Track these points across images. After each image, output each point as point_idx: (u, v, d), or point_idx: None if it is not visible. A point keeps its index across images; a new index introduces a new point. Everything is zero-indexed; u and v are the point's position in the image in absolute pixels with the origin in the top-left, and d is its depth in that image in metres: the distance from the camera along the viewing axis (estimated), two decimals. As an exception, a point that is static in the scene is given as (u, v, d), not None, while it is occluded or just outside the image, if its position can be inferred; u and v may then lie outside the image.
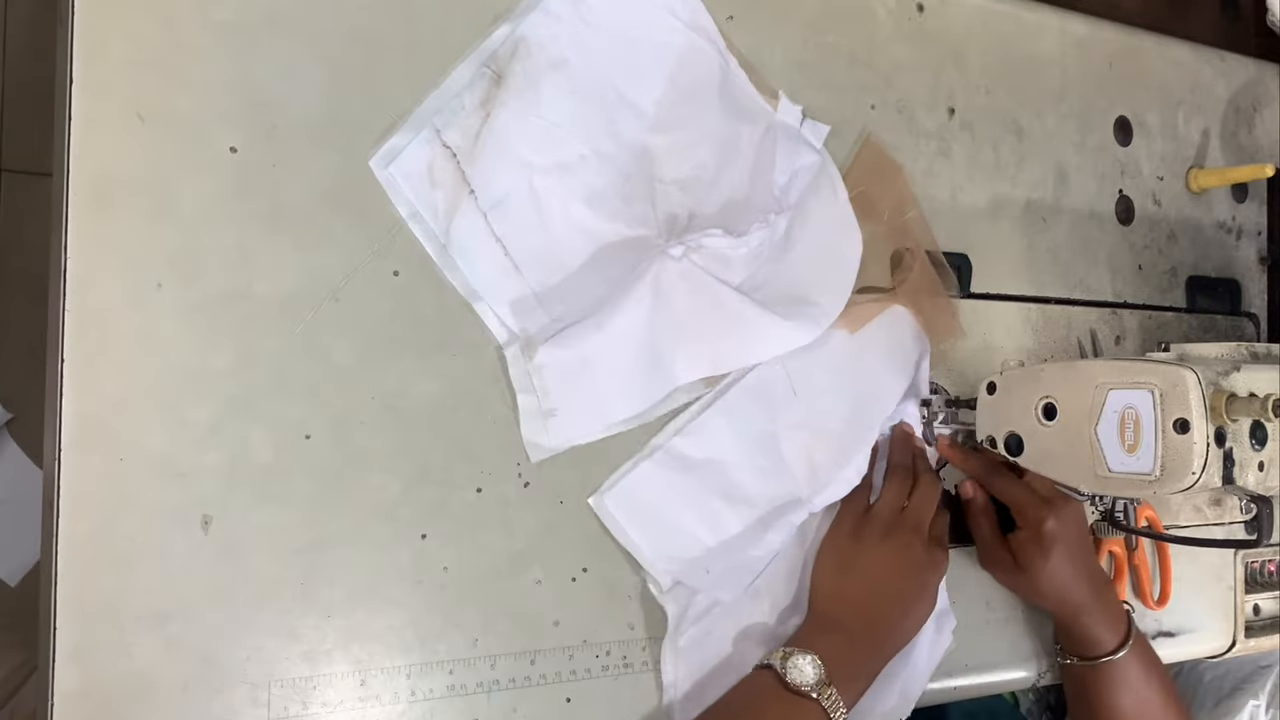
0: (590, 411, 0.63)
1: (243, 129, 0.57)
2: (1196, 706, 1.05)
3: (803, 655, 0.60)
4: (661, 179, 0.67)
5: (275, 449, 0.57)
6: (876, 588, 0.66)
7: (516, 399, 0.62)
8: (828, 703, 0.59)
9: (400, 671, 0.59)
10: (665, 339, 0.64)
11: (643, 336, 0.63)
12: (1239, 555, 0.89)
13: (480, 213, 0.61)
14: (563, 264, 0.63)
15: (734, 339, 0.66)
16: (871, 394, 0.72)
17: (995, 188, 0.81)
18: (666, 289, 0.63)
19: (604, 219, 0.64)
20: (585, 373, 0.62)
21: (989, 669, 0.78)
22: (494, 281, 0.62)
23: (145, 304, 0.54)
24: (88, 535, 0.53)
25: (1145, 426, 0.62)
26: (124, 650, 0.53)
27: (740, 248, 0.65)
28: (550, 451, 0.63)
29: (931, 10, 0.79)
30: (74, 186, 0.53)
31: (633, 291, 0.63)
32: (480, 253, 0.61)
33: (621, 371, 0.63)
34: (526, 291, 0.63)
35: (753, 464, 0.68)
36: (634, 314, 0.63)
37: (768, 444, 0.68)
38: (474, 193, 0.61)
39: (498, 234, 0.62)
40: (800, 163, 0.70)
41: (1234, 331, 0.94)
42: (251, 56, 0.57)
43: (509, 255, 0.62)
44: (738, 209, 0.68)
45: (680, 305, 0.64)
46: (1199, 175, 0.91)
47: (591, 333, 0.62)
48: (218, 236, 0.56)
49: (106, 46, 0.54)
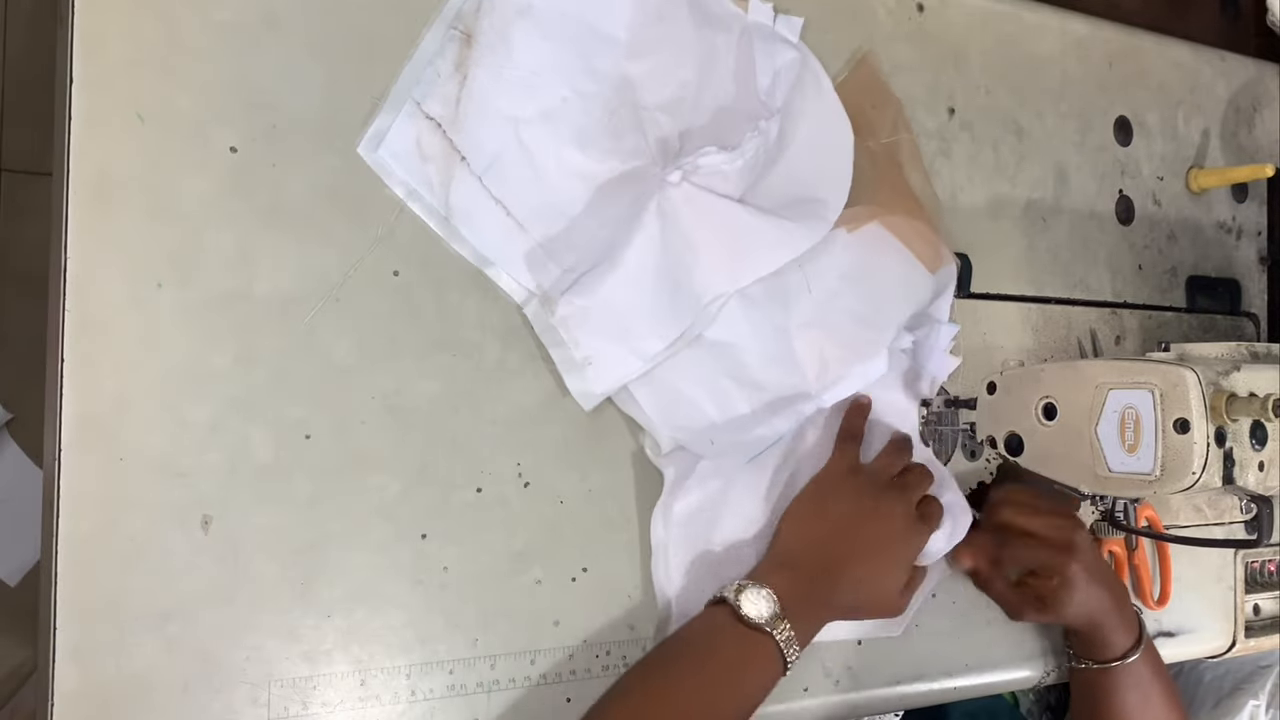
0: (624, 351, 0.63)
1: (242, 129, 0.57)
2: (1196, 706, 1.05)
3: (757, 589, 0.60)
4: (646, 105, 0.66)
5: (275, 449, 0.57)
6: (844, 536, 0.65)
7: (550, 354, 0.63)
8: (781, 637, 0.59)
9: (400, 671, 0.59)
10: (680, 265, 0.64)
11: (658, 267, 0.63)
12: (1239, 555, 0.89)
13: (475, 178, 0.61)
14: (565, 213, 0.63)
15: (747, 251, 0.66)
16: (884, 295, 0.71)
17: (995, 188, 0.81)
18: (672, 216, 0.63)
19: (597, 159, 0.64)
20: (610, 315, 0.62)
21: (989, 669, 0.78)
22: (501, 243, 0.62)
23: (145, 304, 0.54)
24: (88, 535, 0.53)
25: (1145, 426, 0.62)
26: (124, 650, 0.53)
27: (736, 160, 0.65)
28: (600, 398, 0.63)
29: (931, 10, 0.79)
30: (74, 186, 0.53)
31: (639, 225, 0.63)
32: (482, 218, 0.61)
33: (645, 305, 0.63)
34: (534, 247, 0.63)
35: (765, 352, 0.67)
36: (645, 247, 0.63)
37: (780, 339, 0.68)
38: (465, 159, 0.61)
39: (496, 195, 0.62)
40: (781, 61, 0.69)
41: (1234, 331, 0.94)
42: (251, 56, 0.57)
43: (511, 215, 0.62)
44: (727, 120, 0.67)
45: (688, 229, 0.64)
46: (1199, 175, 0.91)
47: (606, 275, 0.62)
48: (218, 236, 0.56)
49: (106, 46, 0.54)
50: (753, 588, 0.60)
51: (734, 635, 0.59)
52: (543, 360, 0.64)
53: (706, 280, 0.65)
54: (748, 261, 0.66)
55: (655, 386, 0.65)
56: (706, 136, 0.66)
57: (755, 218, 0.66)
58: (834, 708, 0.71)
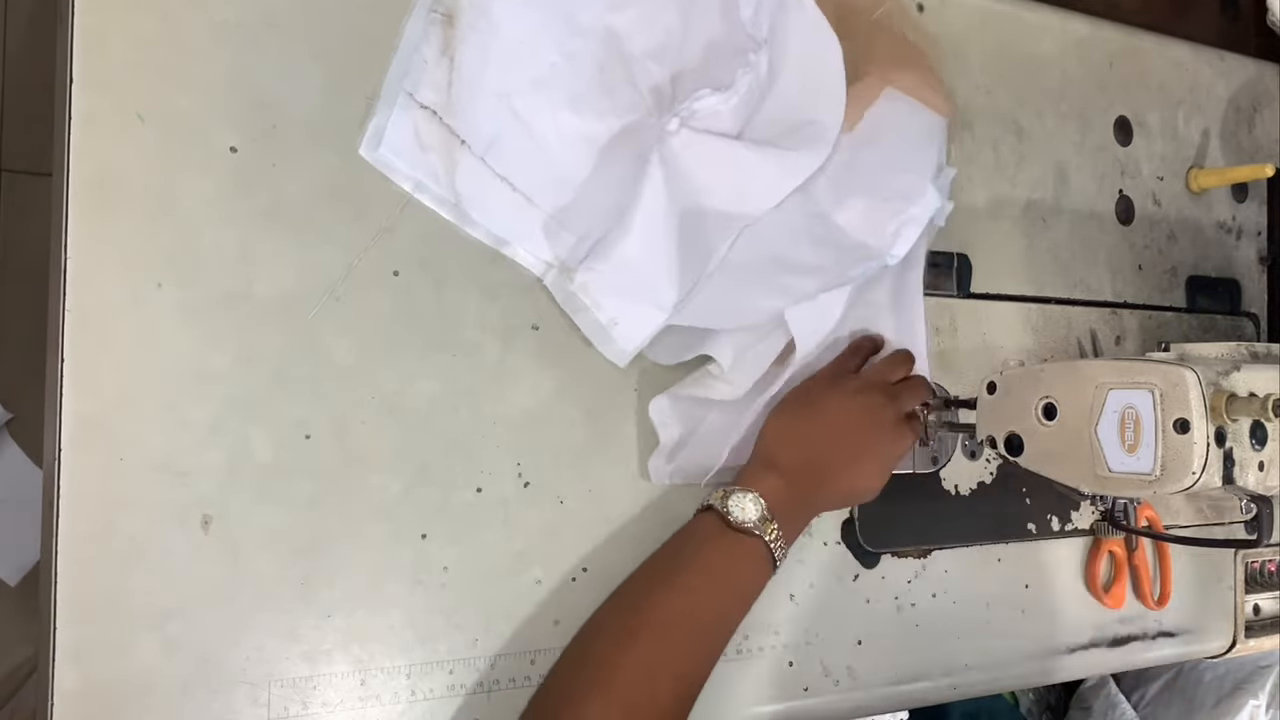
0: (647, 306, 0.63)
1: (243, 129, 0.57)
2: (1196, 706, 1.05)
3: (743, 493, 0.61)
4: (634, 55, 0.66)
5: (275, 449, 0.57)
6: (828, 433, 0.65)
7: (574, 321, 0.63)
8: (770, 537, 0.61)
9: (400, 671, 0.59)
10: (690, 211, 0.64)
11: (668, 217, 0.64)
12: (1239, 555, 0.89)
13: (478, 159, 0.61)
14: (571, 180, 0.63)
15: (752, 186, 0.66)
16: (909, 145, 0.72)
17: (995, 188, 0.81)
18: (674, 164, 0.64)
19: (594, 119, 0.64)
20: (628, 274, 0.62)
21: (989, 669, 0.78)
22: (513, 221, 0.62)
23: (145, 304, 0.54)
24: (88, 535, 0.53)
25: (1145, 426, 0.62)
26: (124, 650, 0.53)
27: (731, 99, 0.65)
28: (631, 355, 0.64)
29: (931, 10, 0.79)
30: (74, 186, 0.53)
31: (645, 179, 0.63)
32: (491, 198, 0.62)
33: (661, 258, 0.63)
34: (546, 219, 0.63)
35: (809, 238, 0.68)
36: (653, 200, 0.63)
37: (820, 224, 0.68)
38: (465, 143, 0.61)
39: (501, 173, 0.62)
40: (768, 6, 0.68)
41: (1234, 331, 0.94)
42: (251, 56, 0.57)
43: (518, 190, 0.62)
44: (716, 58, 0.67)
45: (692, 174, 0.64)
46: (1199, 175, 0.91)
47: (620, 238, 0.62)
48: (218, 236, 0.56)
49: (106, 46, 0.54)
50: (739, 492, 0.61)
51: (724, 540, 0.61)
52: (543, 360, 0.64)
53: (717, 222, 0.65)
54: (754, 196, 0.66)
55: (703, 308, 0.64)
56: (698, 78, 0.66)
57: (755, 152, 0.66)
58: (834, 708, 0.72)
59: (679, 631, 0.58)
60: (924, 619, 0.75)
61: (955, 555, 0.77)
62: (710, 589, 0.60)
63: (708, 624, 0.60)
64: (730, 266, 0.66)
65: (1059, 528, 0.81)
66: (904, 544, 0.75)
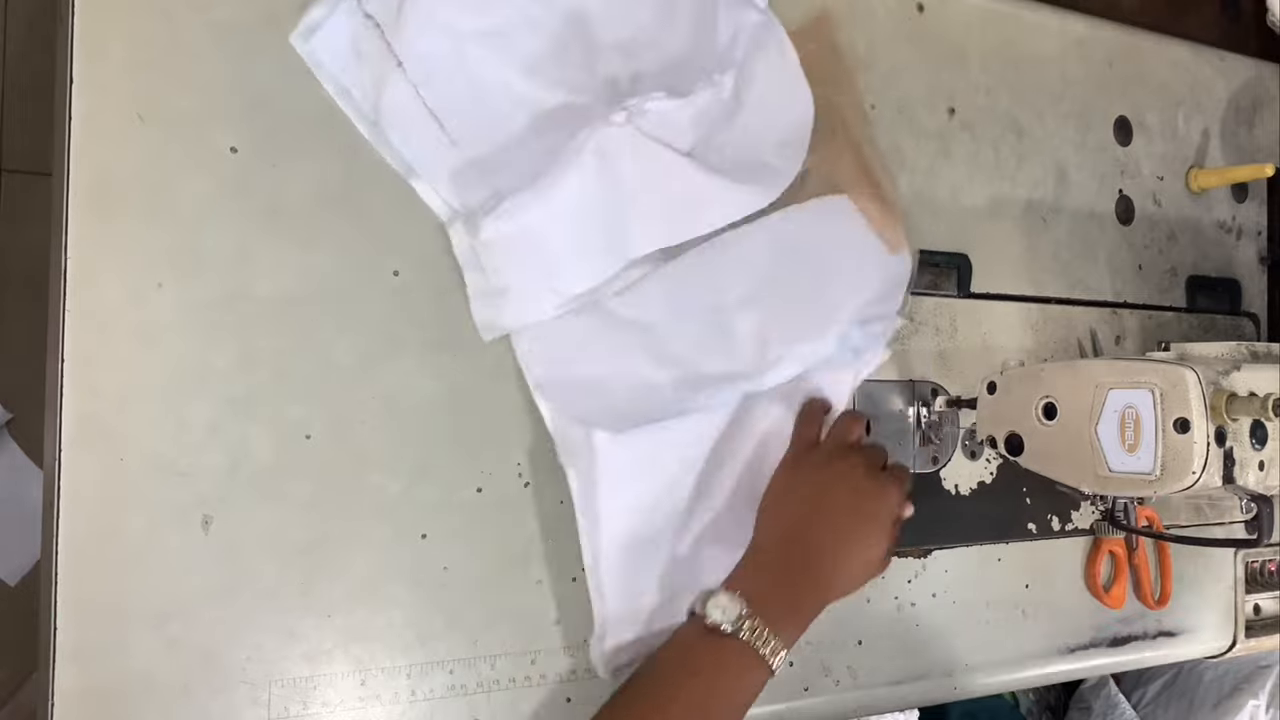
0: (542, 286, 0.61)
1: (243, 129, 0.57)
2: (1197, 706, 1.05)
3: (720, 595, 0.59)
4: (599, 43, 0.64)
5: (275, 449, 0.57)
6: (812, 516, 0.62)
7: (464, 276, 0.61)
8: (751, 635, 0.57)
9: (400, 671, 0.59)
10: (616, 210, 0.62)
11: (591, 208, 0.61)
12: (1239, 555, 0.89)
13: (410, 86, 0.59)
14: (500, 134, 0.61)
15: (688, 207, 0.64)
16: (834, 273, 0.69)
17: (995, 188, 0.81)
18: (612, 158, 0.61)
19: (542, 87, 0.62)
20: (533, 246, 0.60)
21: (989, 669, 0.78)
22: (431, 156, 0.60)
23: (145, 304, 0.54)
24: (88, 535, 0.53)
25: (1145, 426, 0.62)
26: (124, 650, 0.53)
27: (686, 109, 0.64)
28: (503, 330, 0.61)
29: (931, 10, 0.79)
30: (74, 186, 0.53)
31: (576, 162, 0.60)
32: (414, 128, 0.59)
33: (572, 243, 0.61)
34: (466, 164, 0.60)
35: (689, 333, 0.64)
36: (579, 184, 0.61)
37: (716, 318, 0.65)
38: (402, 65, 0.58)
39: (430, 107, 0.59)
40: (744, 20, 0.68)
41: (1234, 331, 0.94)
42: (251, 56, 0.57)
43: (444, 129, 0.60)
44: (680, 69, 0.66)
45: (629, 175, 0.62)
46: (1199, 175, 0.91)
47: (534, 203, 0.60)
48: (218, 236, 0.56)
49: (106, 46, 0.54)
50: (719, 593, 0.59)
51: (706, 646, 0.58)
52: (543, 360, 0.63)
53: (641, 231, 0.63)
54: (687, 218, 0.64)
55: (558, 365, 0.62)
56: (658, 83, 0.64)
57: (700, 173, 0.64)
58: (834, 707, 0.72)
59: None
60: (924, 619, 0.75)
61: (955, 555, 0.77)
62: (698, 702, 0.57)
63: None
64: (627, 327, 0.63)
65: (1059, 528, 0.81)
66: (904, 544, 0.75)
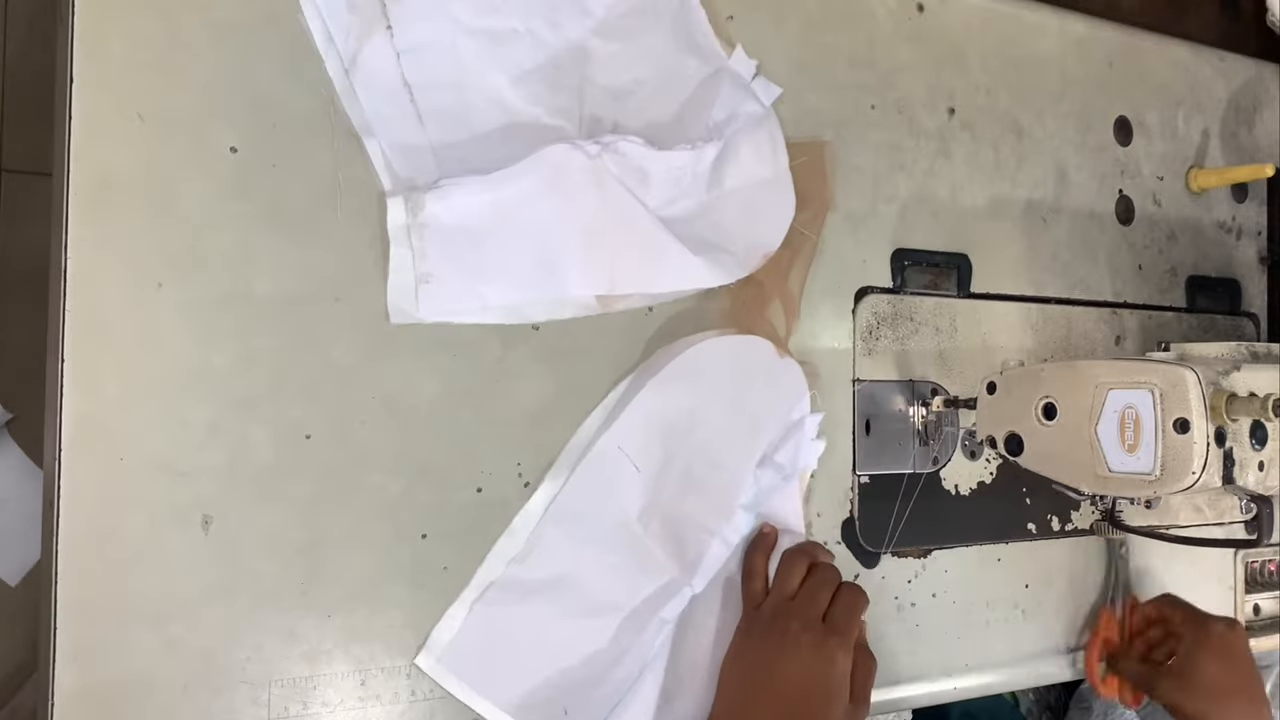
0: (468, 287, 0.59)
1: (243, 129, 0.57)
2: (1196, 706, 1.05)
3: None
4: (594, 81, 0.64)
5: (275, 449, 0.57)
6: (760, 690, 0.60)
7: (390, 250, 0.59)
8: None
9: (400, 671, 0.59)
10: (563, 239, 0.61)
11: (536, 222, 0.60)
12: (1239, 555, 0.89)
13: (393, 51, 0.59)
14: (470, 127, 0.61)
15: (637, 260, 0.63)
16: (728, 438, 0.66)
17: (995, 188, 0.81)
18: (574, 187, 0.61)
19: (525, 100, 0.62)
20: (470, 244, 0.59)
21: (989, 669, 0.78)
22: (392, 122, 0.59)
23: (145, 304, 0.54)
24: (88, 535, 0.53)
25: (1145, 426, 0.62)
26: (124, 650, 0.53)
27: (660, 162, 0.63)
28: (414, 319, 0.59)
29: (931, 10, 0.79)
30: (74, 186, 0.53)
31: (534, 172, 0.60)
32: (383, 90, 0.59)
33: (509, 254, 0.60)
34: (424, 143, 0.60)
35: (607, 565, 0.62)
36: (531, 198, 0.60)
37: (621, 537, 0.62)
38: (390, 29, 0.58)
39: (407, 79, 0.59)
40: (743, 109, 0.68)
41: (1234, 331, 0.94)
42: (251, 56, 0.57)
43: (414, 102, 0.59)
44: (666, 131, 0.65)
45: (587, 209, 0.61)
46: (1199, 175, 0.91)
47: (480, 196, 0.59)
48: (218, 236, 0.56)
49: (106, 46, 0.54)
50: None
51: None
52: (543, 360, 0.64)
53: (584, 271, 0.61)
54: (633, 270, 0.62)
55: (487, 677, 0.59)
56: (640, 135, 0.64)
57: (659, 231, 0.63)
58: (834, 708, 0.71)
59: None
60: (924, 619, 0.75)
61: (955, 555, 0.77)
62: None
63: None
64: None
65: (1059, 528, 0.81)
66: (904, 544, 0.75)
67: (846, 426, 0.73)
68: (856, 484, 0.74)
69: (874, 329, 0.75)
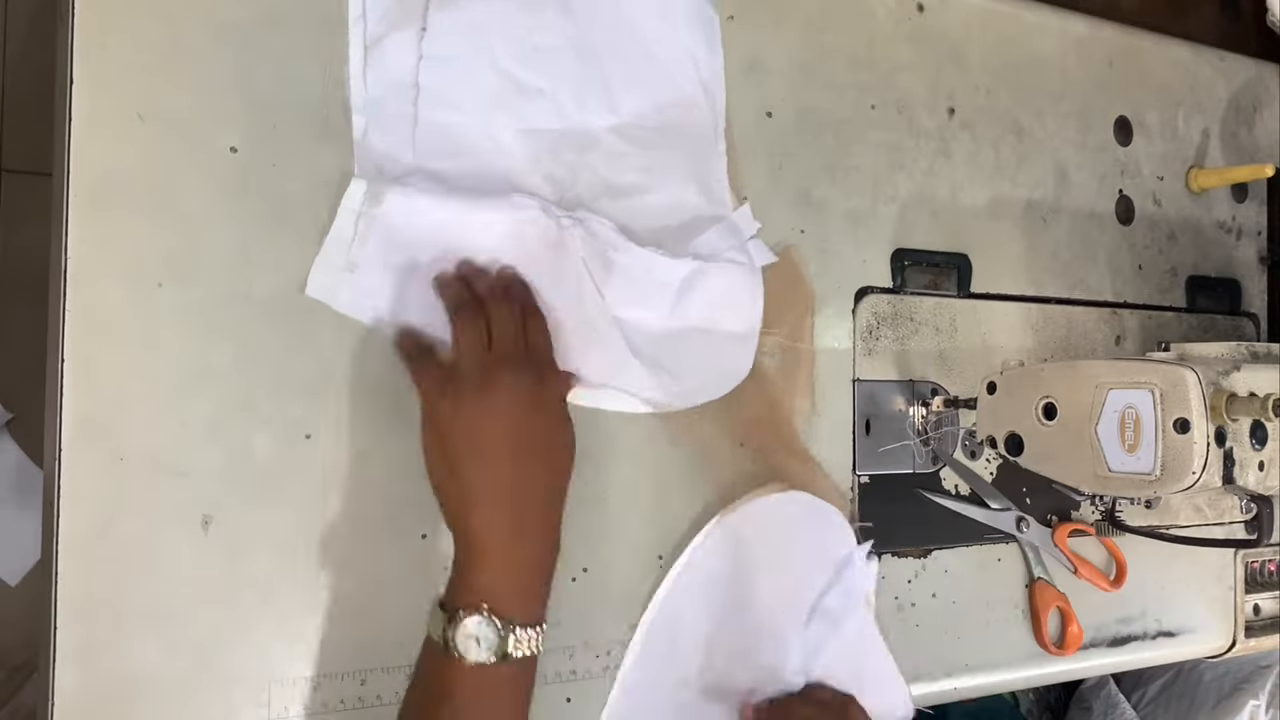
0: (385, 293, 0.58)
1: (243, 129, 0.57)
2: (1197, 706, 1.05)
3: (469, 617, 0.51)
4: (594, 168, 0.64)
5: (275, 449, 0.57)
6: (511, 463, 0.54)
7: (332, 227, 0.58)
8: (520, 656, 0.51)
9: (400, 671, 0.59)
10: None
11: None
12: (1239, 555, 0.89)
13: (418, 52, 0.59)
14: (459, 151, 0.60)
15: (572, 339, 0.60)
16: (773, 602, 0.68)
17: (995, 188, 0.81)
18: (533, 244, 0.60)
19: (522, 153, 0.62)
20: (406, 253, 0.58)
21: (989, 669, 0.78)
22: (386, 112, 0.59)
23: (145, 304, 0.54)
24: (88, 535, 0.53)
25: (1145, 426, 0.62)
26: (124, 650, 0.53)
27: (628, 255, 0.63)
28: (328, 300, 0.57)
29: (931, 10, 0.79)
30: (74, 186, 0.53)
31: (500, 214, 0.59)
32: (392, 80, 0.59)
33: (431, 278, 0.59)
34: (409, 144, 0.59)
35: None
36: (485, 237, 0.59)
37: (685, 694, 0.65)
38: (425, 30, 0.59)
39: (420, 81, 0.59)
40: (728, 253, 0.67)
41: (1234, 331, 0.94)
42: (251, 56, 0.57)
43: (416, 104, 0.59)
44: (646, 237, 0.65)
45: (537, 272, 0.59)
46: (1199, 175, 0.91)
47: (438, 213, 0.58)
48: (218, 236, 0.56)
49: (106, 46, 0.54)
50: (463, 616, 0.51)
51: (468, 684, 0.51)
52: (543, 360, 0.63)
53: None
54: (559, 343, 0.59)
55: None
56: (617, 221, 0.64)
57: (601, 315, 0.62)
58: (834, 708, 0.71)
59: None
60: (924, 619, 0.75)
61: (955, 555, 0.77)
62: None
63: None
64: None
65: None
66: (904, 544, 0.75)
67: (846, 426, 0.73)
68: (856, 484, 0.74)
69: (874, 329, 0.75)
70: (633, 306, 0.63)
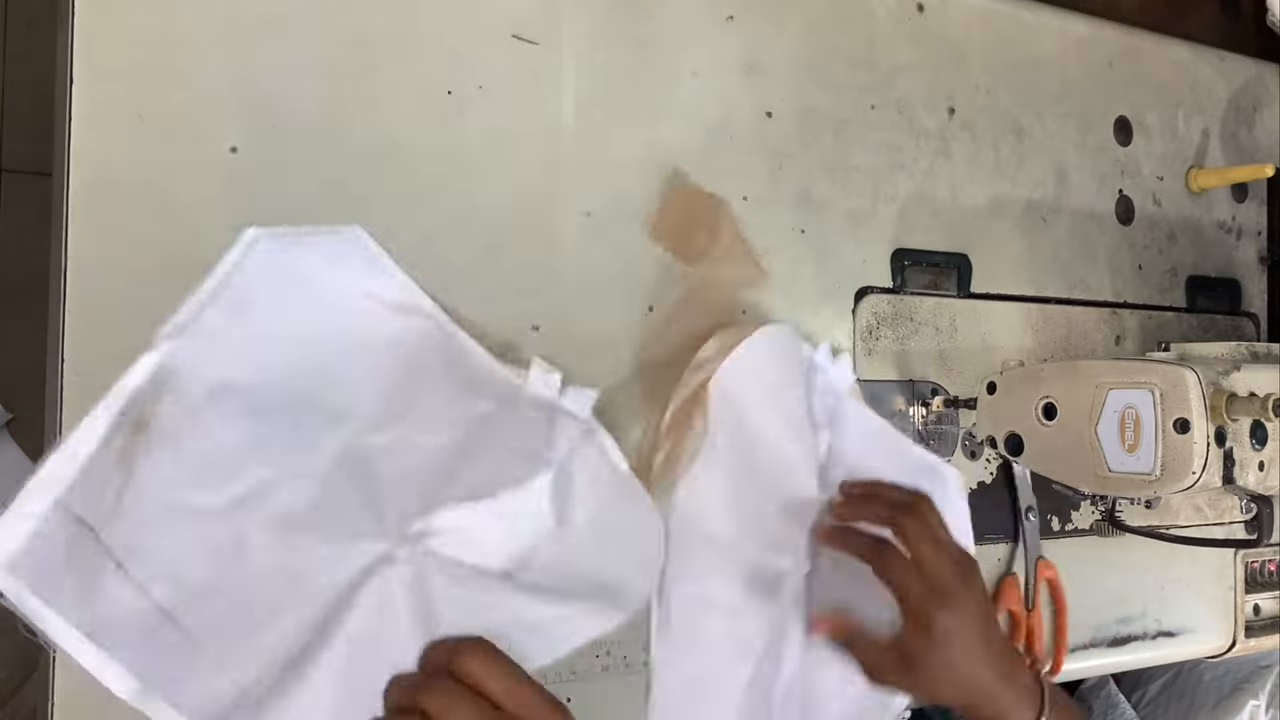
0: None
1: (243, 129, 0.57)
2: (1197, 706, 1.05)
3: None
4: (383, 478, 0.55)
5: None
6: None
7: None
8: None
9: (400, 671, 0.59)
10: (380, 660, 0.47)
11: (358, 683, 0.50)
12: (1239, 555, 0.89)
13: (133, 584, 0.49)
14: (253, 614, 0.51)
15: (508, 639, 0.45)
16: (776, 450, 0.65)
17: (995, 188, 0.81)
18: (390, 605, 0.53)
19: (303, 543, 0.52)
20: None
21: (989, 669, 0.78)
22: (167, 662, 0.49)
23: (145, 304, 0.54)
24: (88, 535, 0.52)
25: (1145, 426, 0.62)
26: (124, 650, 0.53)
27: (486, 518, 0.55)
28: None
29: (931, 10, 0.79)
30: (74, 186, 0.53)
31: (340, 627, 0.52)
32: (142, 633, 0.49)
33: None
34: (211, 665, 0.50)
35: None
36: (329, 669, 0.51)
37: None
38: (122, 565, 0.49)
39: (166, 606, 0.49)
40: (562, 436, 0.59)
41: (1234, 331, 0.94)
42: (251, 56, 0.57)
43: (182, 627, 0.50)
44: (487, 484, 0.56)
45: (402, 628, 0.52)
46: (1199, 175, 0.91)
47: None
48: (218, 236, 0.56)
49: (106, 46, 0.54)
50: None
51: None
52: (543, 359, 0.63)
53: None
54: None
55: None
56: (460, 503, 0.55)
57: (520, 597, 0.55)
58: (834, 708, 0.71)
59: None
60: (924, 619, 0.75)
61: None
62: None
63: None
64: None
65: (1059, 528, 0.81)
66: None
67: (846, 426, 0.73)
68: (856, 484, 0.73)
69: (874, 329, 0.75)
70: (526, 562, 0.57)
